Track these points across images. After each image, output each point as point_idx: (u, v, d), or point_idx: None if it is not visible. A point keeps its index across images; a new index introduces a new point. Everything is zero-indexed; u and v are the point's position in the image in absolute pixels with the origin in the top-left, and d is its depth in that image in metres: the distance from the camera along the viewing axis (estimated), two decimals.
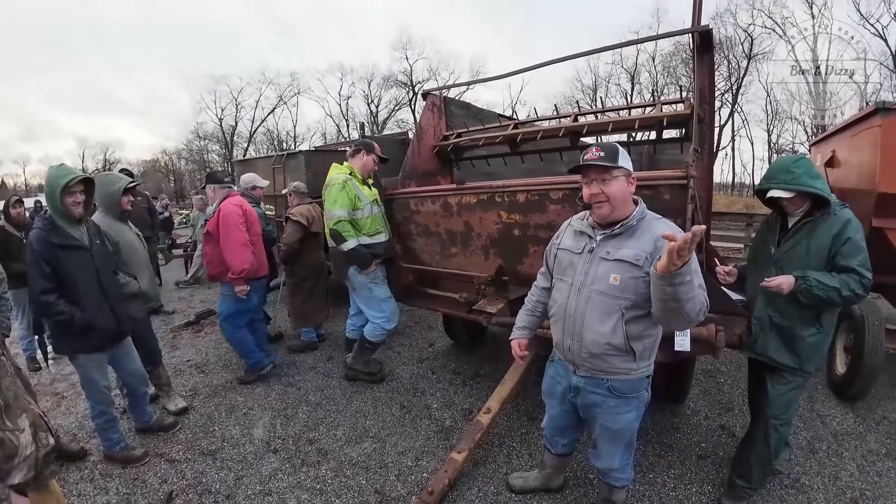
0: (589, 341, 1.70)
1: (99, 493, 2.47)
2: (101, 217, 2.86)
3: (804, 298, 1.88)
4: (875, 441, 2.77)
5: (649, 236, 1.59)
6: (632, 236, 1.63)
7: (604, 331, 1.66)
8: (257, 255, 3.56)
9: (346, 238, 3.16)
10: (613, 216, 1.65)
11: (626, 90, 33.42)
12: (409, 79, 38.35)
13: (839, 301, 1.85)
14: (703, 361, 3.74)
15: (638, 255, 1.58)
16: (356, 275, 3.33)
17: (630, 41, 2.87)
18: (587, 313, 1.69)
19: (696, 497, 2.33)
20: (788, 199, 1.92)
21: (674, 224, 1.63)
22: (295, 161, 5.56)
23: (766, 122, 29.69)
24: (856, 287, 1.81)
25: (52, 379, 3.95)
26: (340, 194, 3.15)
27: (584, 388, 1.81)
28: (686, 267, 1.33)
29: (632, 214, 1.64)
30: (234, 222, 3.35)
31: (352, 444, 2.88)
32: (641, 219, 1.65)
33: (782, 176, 1.91)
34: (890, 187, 2.76)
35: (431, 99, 3.79)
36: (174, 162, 44.47)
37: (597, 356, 1.70)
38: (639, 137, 3.98)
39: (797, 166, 1.90)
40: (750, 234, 6.07)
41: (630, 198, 1.66)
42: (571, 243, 1.80)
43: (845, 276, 1.84)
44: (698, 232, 1.24)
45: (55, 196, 2.32)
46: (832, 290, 1.82)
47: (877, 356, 2.95)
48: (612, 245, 1.66)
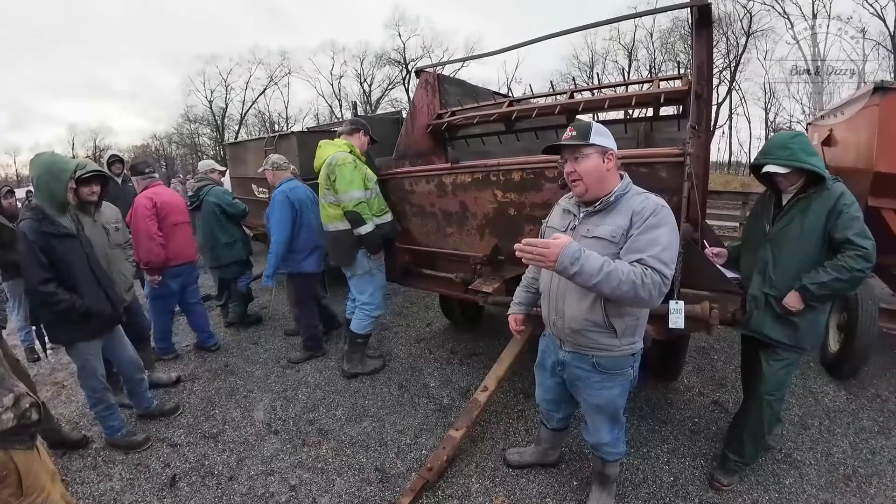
0: (570, 317, 1.74)
1: (102, 479, 2.50)
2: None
3: (817, 303, 1.92)
4: (868, 419, 2.81)
5: (626, 211, 1.60)
6: (611, 213, 1.64)
7: (583, 307, 1.69)
8: (174, 244, 3.65)
9: (365, 221, 3.00)
10: (591, 194, 1.66)
11: (624, 67, 32.94)
12: (403, 56, 37.58)
13: (848, 287, 1.87)
14: (697, 338, 3.78)
15: (614, 232, 1.59)
16: (364, 259, 3.20)
17: (628, 15, 2.79)
18: (568, 290, 1.72)
19: (689, 471, 2.38)
20: (784, 175, 1.91)
21: (656, 199, 1.61)
22: (287, 142, 5.48)
23: (764, 100, 29.45)
24: (854, 263, 1.80)
25: (52, 369, 3.96)
26: (355, 174, 2.99)
27: (569, 363, 1.86)
28: (561, 266, 1.44)
29: (612, 191, 1.64)
30: (141, 214, 3.49)
31: (351, 423, 2.92)
32: (623, 195, 1.64)
33: (779, 151, 1.90)
34: (887, 167, 2.74)
35: (425, 76, 3.71)
36: (165, 147, 43.77)
37: (578, 332, 1.74)
38: (636, 115, 3.93)
39: (794, 142, 1.89)
40: (745, 213, 6.07)
41: (607, 175, 1.64)
42: (558, 221, 1.83)
43: (839, 256, 1.84)
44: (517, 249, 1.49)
45: (59, 183, 2.27)
46: (834, 283, 1.83)
47: (870, 335, 2.98)
48: (592, 222, 1.67)
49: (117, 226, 3.06)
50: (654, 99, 2.86)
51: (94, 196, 2.79)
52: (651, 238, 1.52)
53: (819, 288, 1.86)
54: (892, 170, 2.72)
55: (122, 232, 3.12)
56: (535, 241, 1.49)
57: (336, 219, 3.12)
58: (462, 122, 3.55)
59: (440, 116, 3.74)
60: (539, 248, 1.46)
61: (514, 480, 2.36)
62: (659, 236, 1.52)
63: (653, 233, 1.52)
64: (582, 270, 1.44)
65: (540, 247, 1.45)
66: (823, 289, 1.86)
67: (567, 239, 1.48)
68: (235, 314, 4.68)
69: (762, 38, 27.07)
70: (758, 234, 2.12)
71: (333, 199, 3.08)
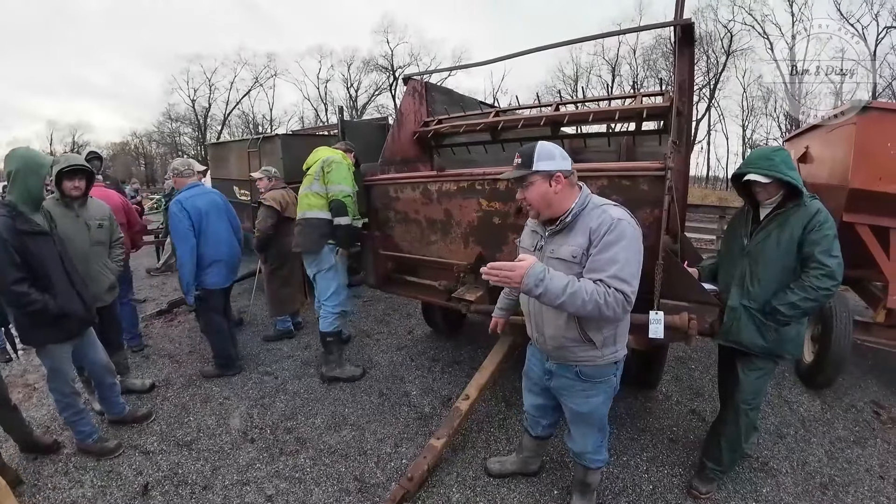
0: (549, 336, 1.79)
1: (74, 486, 2.41)
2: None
3: (789, 321, 1.97)
4: (843, 428, 2.88)
5: (584, 229, 1.61)
6: (570, 232, 1.66)
7: (559, 324, 1.73)
8: None
9: (347, 213, 3.17)
10: (544, 216, 1.70)
11: (607, 82, 33.69)
12: (390, 63, 37.74)
13: (817, 305, 1.93)
14: (675, 348, 3.85)
15: (574, 252, 1.61)
16: (330, 252, 3.32)
17: (613, 31, 2.88)
18: (543, 310, 1.75)
19: (668, 479, 2.41)
20: (763, 185, 1.96)
21: (613, 211, 1.60)
22: (271, 145, 5.42)
23: (742, 117, 30.45)
24: (819, 282, 1.86)
25: (23, 370, 3.79)
26: (349, 175, 3.24)
27: (556, 372, 1.90)
28: (526, 287, 1.49)
29: (569, 210, 1.65)
30: None
31: (330, 431, 2.87)
32: (580, 211, 1.64)
33: (761, 162, 1.95)
34: (861, 183, 2.84)
35: (413, 84, 3.73)
36: (145, 145, 42.85)
37: (560, 348, 1.79)
38: (619, 129, 4.01)
39: (776, 155, 1.95)
40: (722, 227, 6.24)
41: (556, 198, 1.63)
42: (528, 241, 1.86)
43: (804, 275, 1.91)
44: (483, 272, 1.55)
45: (36, 178, 2.21)
46: (802, 303, 1.90)
47: (844, 346, 3.06)
48: (555, 242, 1.70)
49: (101, 223, 2.95)
50: (636, 114, 2.93)
51: (77, 191, 2.73)
52: (609, 257, 1.53)
53: (789, 308, 1.93)
54: (866, 186, 2.83)
55: (106, 230, 3.00)
56: (500, 265, 1.53)
57: (316, 207, 3.23)
58: (448, 130, 3.57)
59: (427, 124, 3.75)
60: (504, 270, 1.50)
61: (495, 490, 2.34)
62: (616, 254, 1.53)
63: (610, 251, 1.53)
64: (546, 291, 1.48)
65: (505, 269, 1.50)
66: (793, 309, 1.92)
67: (532, 260, 1.52)
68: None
69: (742, 57, 28.08)
70: (735, 247, 2.17)
71: (320, 189, 3.22)
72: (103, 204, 3.09)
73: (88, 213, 2.87)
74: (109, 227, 3.04)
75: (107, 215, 3.03)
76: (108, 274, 2.98)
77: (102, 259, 2.96)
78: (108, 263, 3.00)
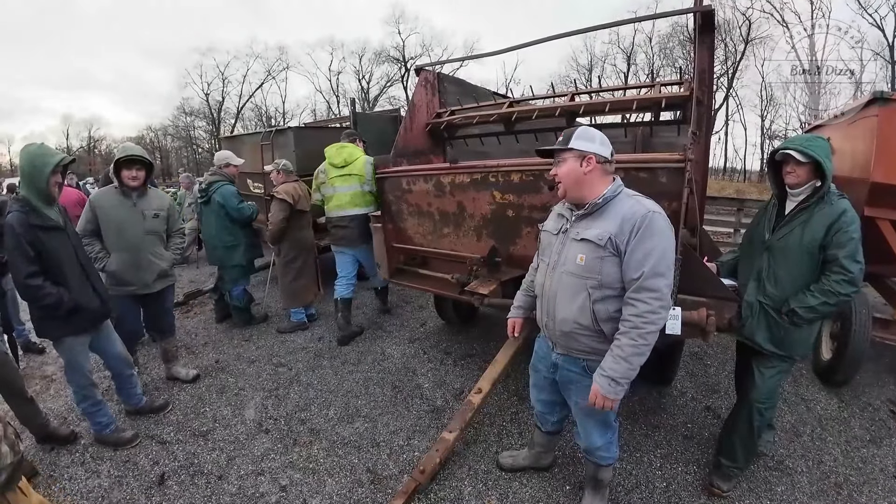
0: (560, 320, 1.77)
1: (90, 476, 2.46)
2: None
3: (804, 323, 1.94)
4: (860, 427, 2.82)
5: (616, 216, 1.62)
6: (599, 216, 1.66)
7: (572, 309, 1.71)
8: None
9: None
10: (570, 196, 1.71)
11: (622, 71, 33.07)
12: (402, 54, 37.51)
13: (834, 308, 1.91)
14: (691, 344, 3.79)
15: (601, 236, 1.61)
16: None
17: (630, 19, 2.79)
18: (559, 293, 1.75)
19: (682, 476, 2.38)
20: (795, 166, 1.90)
21: (647, 203, 1.62)
22: (283, 137, 5.43)
23: (760, 107, 29.68)
24: (840, 287, 1.82)
25: (41, 362, 3.89)
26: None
27: (561, 366, 1.89)
28: (614, 395, 1.63)
29: (601, 194, 1.66)
30: None
31: (343, 423, 2.89)
32: (612, 198, 1.66)
33: (801, 142, 1.91)
34: (884, 177, 2.75)
35: (425, 75, 3.69)
36: (160, 139, 43.40)
37: (567, 334, 1.77)
38: (634, 119, 3.92)
39: (818, 141, 1.90)
40: (740, 220, 6.09)
41: (585, 179, 1.67)
42: (552, 225, 1.86)
43: (825, 279, 1.87)
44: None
45: (41, 176, 2.22)
46: (821, 307, 1.88)
47: (863, 344, 2.99)
48: (582, 226, 1.70)
49: (158, 213, 3.06)
50: (654, 104, 2.86)
51: (135, 181, 2.87)
52: (645, 251, 1.56)
53: (806, 311, 1.89)
54: (889, 180, 2.73)
55: (162, 220, 3.10)
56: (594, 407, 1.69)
57: (371, 204, 3.81)
58: (461, 121, 3.53)
59: (439, 115, 3.72)
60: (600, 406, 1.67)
61: (507, 484, 2.34)
62: (653, 247, 1.55)
63: (646, 244, 1.56)
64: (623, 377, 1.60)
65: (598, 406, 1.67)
66: (811, 312, 1.89)
67: (595, 387, 1.66)
68: (241, 320, 4.51)
69: (760, 45, 27.31)
70: (757, 240, 2.11)
71: (372, 188, 3.76)
72: (164, 195, 3.26)
73: (146, 203, 3.00)
74: (166, 218, 3.15)
75: (165, 206, 3.14)
76: (159, 262, 3.07)
77: (155, 247, 3.06)
78: (161, 252, 3.10)
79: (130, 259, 2.95)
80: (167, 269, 3.14)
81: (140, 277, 3.00)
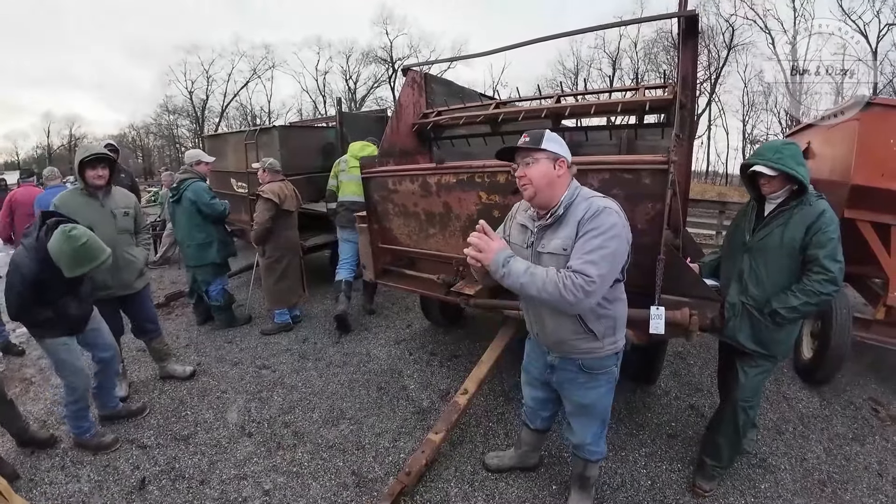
0: (550, 330, 1.78)
1: (70, 480, 2.40)
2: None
3: (786, 324, 1.96)
4: (842, 425, 2.87)
5: (574, 222, 1.60)
6: (560, 225, 1.65)
7: (562, 321, 1.73)
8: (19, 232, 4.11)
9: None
10: (539, 198, 1.67)
11: (608, 75, 33.46)
12: (389, 55, 37.42)
13: (816, 308, 1.93)
14: (674, 344, 3.84)
15: (564, 245, 1.61)
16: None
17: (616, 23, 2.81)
18: (543, 308, 1.76)
19: (666, 475, 2.41)
20: (768, 178, 1.94)
21: (600, 201, 1.60)
22: (268, 136, 5.36)
23: (742, 112, 30.32)
24: (821, 287, 1.85)
25: (20, 364, 3.77)
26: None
27: (558, 367, 1.89)
28: (494, 268, 1.60)
29: (560, 201, 1.64)
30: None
31: (328, 426, 2.86)
32: (570, 204, 1.64)
33: (770, 154, 1.93)
34: (863, 180, 2.82)
35: (412, 75, 3.67)
36: (142, 137, 42.54)
37: (561, 342, 1.78)
38: (620, 122, 3.96)
39: (786, 149, 1.93)
40: (722, 222, 6.21)
41: (556, 181, 1.64)
42: (518, 238, 1.82)
43: (806, 279, 1.89)
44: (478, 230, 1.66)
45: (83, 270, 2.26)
46: (803, 307, 1.89)
47: (843, 343, 3.05)
48: (546, 237, 1.69)
49: (126, 211, 3.00)
50: (639, 107, 2.88)
51: (100, 180, 2.81)
52: (586, 241, 1.54)
53: (788, 311, 1.92)
54: (868, 182, 2.81)
55: (131, 217, 3.04)
56: (478, 242, 1.64)
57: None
58: (448, 122, 3.52)
59: (426, 116, 3.70)
60: (479, 251, 1.63)
61: (494, 484, 2.34)
62: (593, 239, 1.53)
63: (590, 237, 1.54)
64: (510, 272, 1.56)
65: (481, 245, 1.63)
66: (793, 312, 1.92)
67: (501, 244, 1.64)
68: (223, 321, 4.43)
69: (743, 51, 27.92)
70: (737, 242, 2.15)
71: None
72: (128, 193, 3.18)
73: (113, 202, 2.93)
74: (134, 216, 3.09)
75: (132, 204, 3.08)
76: (136, 260, 3.02)
77: (129, 246, 3.00)
78: (134, 250, 3.04)
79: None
80: (143, 267, 3.10)
81: (120, 278, 2.93)
